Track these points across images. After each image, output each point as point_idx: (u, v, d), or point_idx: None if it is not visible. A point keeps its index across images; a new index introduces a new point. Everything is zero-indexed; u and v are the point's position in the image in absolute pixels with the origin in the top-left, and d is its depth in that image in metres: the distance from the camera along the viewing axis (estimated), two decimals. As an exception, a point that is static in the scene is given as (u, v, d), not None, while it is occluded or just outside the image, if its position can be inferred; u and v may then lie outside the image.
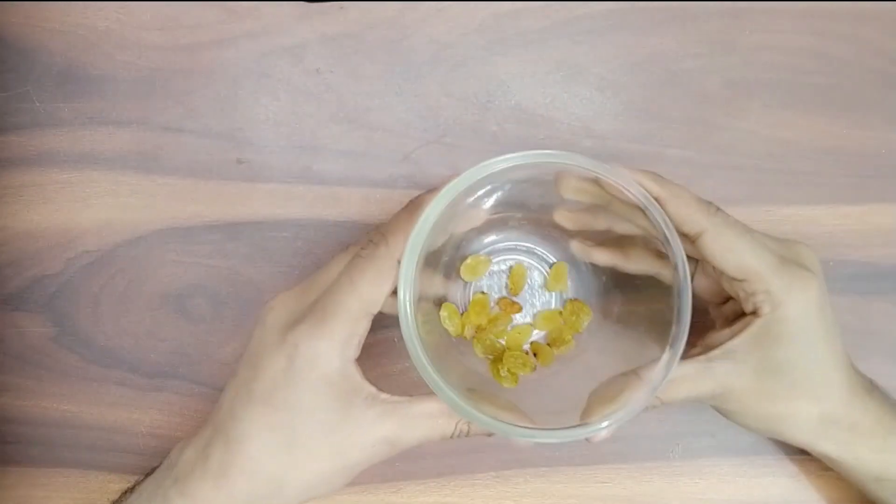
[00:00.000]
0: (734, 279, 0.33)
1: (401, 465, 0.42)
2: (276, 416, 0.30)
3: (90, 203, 0.42)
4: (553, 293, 0.37)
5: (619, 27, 0.42)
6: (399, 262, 0.28)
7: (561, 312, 0.37)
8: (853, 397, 0.35)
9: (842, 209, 0.42)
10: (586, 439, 0.29)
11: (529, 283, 0.37)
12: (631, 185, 0.29)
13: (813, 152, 0.42)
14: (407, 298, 0.28)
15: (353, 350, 0.31)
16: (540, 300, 0.37)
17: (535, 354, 0.36)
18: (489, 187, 0.30)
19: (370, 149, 0.42)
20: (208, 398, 0.42)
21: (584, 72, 0.42)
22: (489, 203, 0.33)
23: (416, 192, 0.42)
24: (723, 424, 0.42)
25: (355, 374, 0.31)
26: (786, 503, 0.42)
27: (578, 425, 0.28)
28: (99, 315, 0.42)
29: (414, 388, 0.42)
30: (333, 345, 0.30)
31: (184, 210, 0.42)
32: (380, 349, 0.42)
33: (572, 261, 0.37)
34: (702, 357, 0.34)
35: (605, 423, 0.28)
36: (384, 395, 0.31)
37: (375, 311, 0.31)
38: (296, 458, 0.31)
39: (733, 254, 0.32)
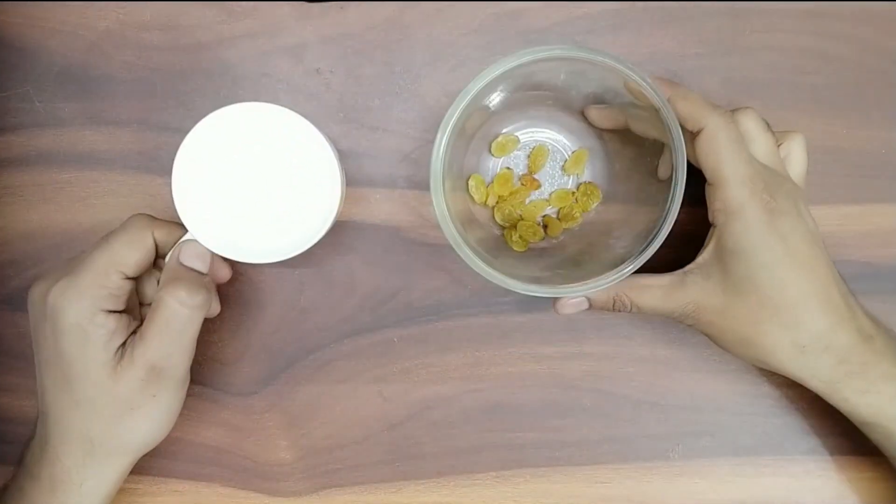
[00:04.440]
0: (708, 183, 0.34)
1: (401, 465, 0.42)
2: (58, 374, 0.34)
3: (90, 203, 0.42)
4: (571, 176, 0.41)
5: (619, 27, 0.42)
6: (153, 235, 0.35)
7: (574, 192, 0.41)
8: (836, 331, 0.33)
9: (842, 209, 0.42)
10: (554, 306, 0.37)
11: (551, 164, 0.41)
12: (649, 84, 0.32)
13: (813, 152, 0.42)
14: (439, 163, 0.33)
15: (104, 301, 0.33)
16: (559, 181, 0.41)
17: (545, 226, 0.41)
18: (526, 70, 0.34)
19: (370, 149, 0.42)
20: (208, 398, 0.42)
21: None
22: (525, 82, 0.37)
23: (416, 193, 0.42)
24: (723, 425, 0.42)
25: (104, 321, 0.33)
26: (786, 503, 0.42)
27: (552, 287, 0.34)
28: (99, 315, 0.42)
29: (414, 387, 0.42)
30: (80, 296, 0.33)
31: (184, 210, 0.42)
32: (380, 349, 0.42)
33: (592, 149, 0.41)
34: (680, 271, 0.35)
35: (569, 291, 0.34)
36: (132, 340, 0.34)
37: (129, 272, 0.34)
38: (83, 411, 0.33)
39: (712, 155, 0.33)
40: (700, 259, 0.35)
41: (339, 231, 0.42)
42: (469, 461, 0.42)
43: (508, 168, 0.41)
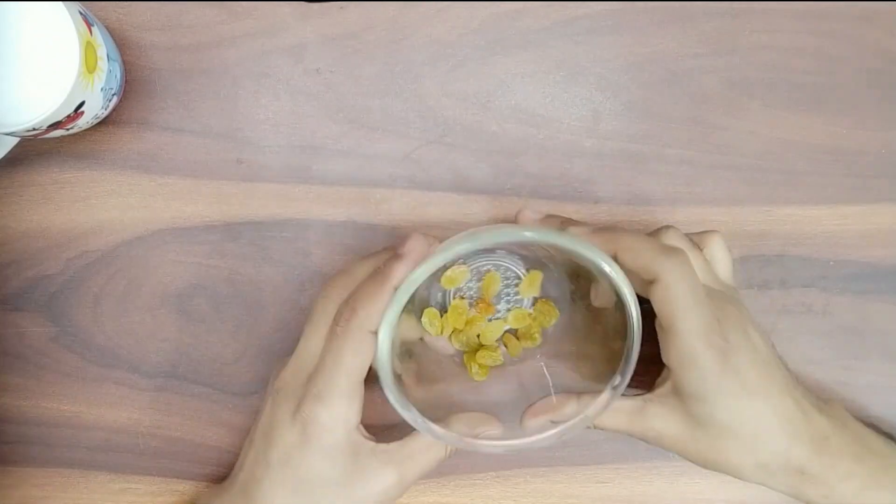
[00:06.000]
0: (660, 325, 0.33)
1: (401, 465, 0.42)
2: (295, 479, 0.34)
3: (90, 203, 0.42)
4: (526, 298, 0.40)
5: (619, 27, 0.42)
6: (373, 332, 0.32)
7: (530, 313, 0.40)
8: (794, 445, 0.34)
9: (842, 209, 0.42)
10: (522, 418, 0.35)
11: (506, 283, 0.40)
12: (588, 251, 0.31)
13: (813, 152, 0.42)
14: (385, 355, 0.32)
15: (355, 416, 0.34)
16: (514, 300, 0.40)
17: (505, 346, 0.40)
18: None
19: (370, 149, 0.42)
20: (208, 398, 0.42)
21: (584, 72, 0.42)
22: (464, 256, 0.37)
23: (416, 193, 0.42)
24: (723, 424, 0.42)
25: (358, 436, 0.34)
26: (785, 503, 0.42)
27: (514, 439, 0.33)
28: (99, 315, 0.42)
29: (414, 388, 0.42)
30: (336, 418, 0.33)
31: (184, 210, 0.42)
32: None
33: (545, 269, 0.39)
34: (640, 398, 0.35)
35: (535, 438, 0.33)
36: (382, 446, 0.35)
37: (364, 377, 0.34)
38: None
39: (667, 307, 0.32)
40: (659, 391, 0.35)
41: (340, 231, 0.42)
42: (469, 461, 0.42)
43: (462, 297, 0.39)
